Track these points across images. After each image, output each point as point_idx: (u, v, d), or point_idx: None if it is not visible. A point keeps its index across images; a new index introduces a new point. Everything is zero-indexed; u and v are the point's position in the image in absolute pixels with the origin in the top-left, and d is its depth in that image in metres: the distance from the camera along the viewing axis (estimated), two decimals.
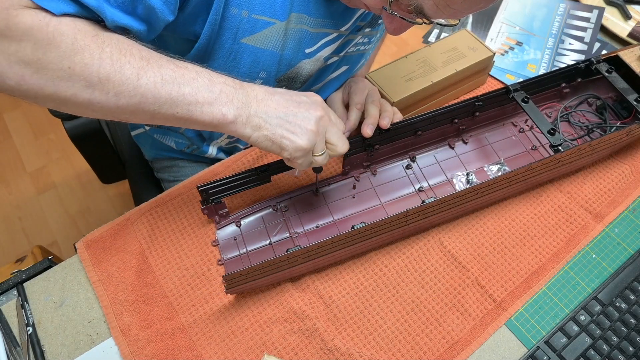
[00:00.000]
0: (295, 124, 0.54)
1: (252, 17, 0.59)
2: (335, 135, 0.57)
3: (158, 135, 0.86)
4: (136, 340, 0.60)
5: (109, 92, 0.48)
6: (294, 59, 0.66)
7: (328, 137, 0.57)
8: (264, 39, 0.62)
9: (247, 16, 0.58)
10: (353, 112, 0.70)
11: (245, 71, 0.64)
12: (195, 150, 0.84)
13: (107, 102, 0.48)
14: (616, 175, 0.74)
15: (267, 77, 0.66)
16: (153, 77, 0.48)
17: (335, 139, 0.57)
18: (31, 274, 0.65)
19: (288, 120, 0.54)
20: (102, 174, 1.02)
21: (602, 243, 0.69)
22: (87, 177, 1.66)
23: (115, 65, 0.47)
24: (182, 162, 0.89)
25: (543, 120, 0.68)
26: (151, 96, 0.49)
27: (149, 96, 0.49)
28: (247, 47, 0.62)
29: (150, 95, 0.49)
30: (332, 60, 0.72)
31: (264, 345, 0.60)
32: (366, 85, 0.72)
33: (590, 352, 0.60)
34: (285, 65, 0.66)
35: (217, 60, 0.62)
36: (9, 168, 1.69)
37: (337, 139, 0.57)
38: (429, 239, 0.68)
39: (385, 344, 0.60)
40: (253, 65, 0.64)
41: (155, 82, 0.49)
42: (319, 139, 0.55)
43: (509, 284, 0.65)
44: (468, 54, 0.78)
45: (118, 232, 0.67)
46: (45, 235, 1.54)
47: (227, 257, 0.66)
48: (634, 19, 0.95)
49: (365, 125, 0.66)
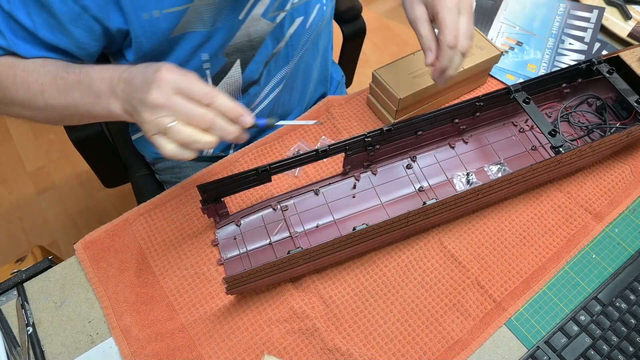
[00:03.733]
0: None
1: (164, 13, 0.59)
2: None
3: None
4: (136, 340, 0.60)
5: (33, 109, 0.59)
6: (230, 29, 0.65)
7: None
8: (189, 24, 0.62)
9: (160, 14, 0.59)
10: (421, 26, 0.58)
11: (186, 58, 0.65)
12: None
13: (39, 115, 0.59)
14: (616, 175, 0.74)
15: (212, 57, 0.67)
16: (50, 89, 0.57)
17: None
18: (31, 274, 0.65)
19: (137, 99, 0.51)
20: (105, 178, 1.02)
21: (602, 243, 0.69)
22: (87, 177, 1.66)
23: (25, 88, 0.57)
24: (184, 162, 0.89)
25: (544, 121, 0.68)
26: (58, 105, 0.57)
27: (56, 105, 0.57)
28: (178, 38, 0.63)
29: (56, 104, 0.57)
30: (281, 16, 0.70)
31: (264, 345, 0.60)
32: None
33: (590, 352, 0.60)
34: (222, 38, 0.65)
35: (162, 60, 0.63)
36: (9, 168, 1.69)
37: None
38: (429, 239, 0.68)
39: (385, 344, 0.60)
40: (191, 51, 0.65)
41: (53, 93, 0.57)
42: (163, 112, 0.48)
43: (509, 284, 0.65)
44: (475, 52, 0.78)
45: (116, 233, 0.67)
46: (45, 235, 1.54)
47: (227, 256, 0.66)
48: (634, 19, 0.95)
49: (435, 70, 0.58)
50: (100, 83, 0.54)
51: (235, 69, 0.71)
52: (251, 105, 0.79)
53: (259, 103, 0.80)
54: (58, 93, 0.57)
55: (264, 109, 0.81)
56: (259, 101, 0.79)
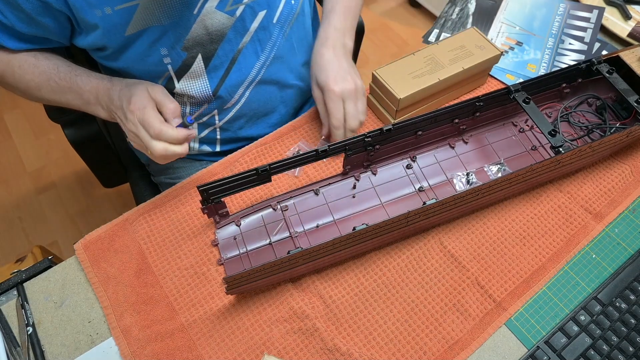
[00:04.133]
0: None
1: (116, 10, 0.62)
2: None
3: None
4: (136, 340, 0.60)
5: (33, 98, 0.71)
6: (186, 23, 0.67)
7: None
8: (142, 21, 0.64)
9: (112, 11, 0.62)
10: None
11: (145, 53, 0.68)
12: None
13: (42, 100, 0.72)
14: (616, 175, 0.74)
15: (170, 51, 0.69)
16: (45, 88, 0.68)
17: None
18: (31, 274, 0.65)
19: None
20: (103, 178, 1.02)
21: (602, 243, 0.69)
22: (87, 177, 1.66)
23: (23, 83, 0.69)
24: (177, 163, 0.89)
25: (544, 121, 0.68)
26: (53, 100, 0.70)
27: (52, 100, 0.70)
28: (135, 35, 0.65)
29: (52, 99, 0.70)
30: (240, 9, 0.70)
31: (264, 345, 0.60)
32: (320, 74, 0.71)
33: (590, 352, 0.60)
34: (178, 32, 0.67)
35: (123, 57, 0.68)
36: (9, 168, 1.69)
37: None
38: (429, 239, 0.68)
39: (385, 344, 0.60)
40: (149, 48, 0.67)
41: (48, 91, 0.68)
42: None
43: (509, 284, 0.65)
44: (475, 52, 0.78)
45: (116, 233, 0.67)
46: (45, 235, 1.54)
47: (227, 256, 0.66)
48: (634, 19, 0.95)
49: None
50: (88, 94, 0.66)
51: (197, 64, 0.72)
52: (228, 102, 0.79)
53: (236, 102, 0.79)
54: (53, 93, 0.69)
55: (242, 107, 0.80)
56: (237, 98, 0.79)
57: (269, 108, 0.83)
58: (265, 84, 0.79)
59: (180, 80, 0.73)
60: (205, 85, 0.75)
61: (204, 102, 0.77)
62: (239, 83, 0.77)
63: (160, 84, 0.72)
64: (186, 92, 0.74)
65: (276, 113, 0.85)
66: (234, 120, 0.82)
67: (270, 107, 0.83)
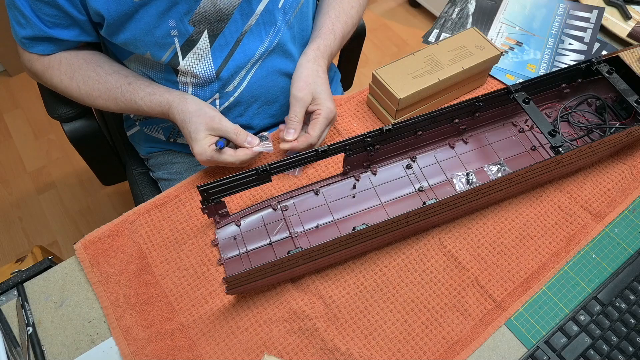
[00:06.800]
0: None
1: None
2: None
3: (147, 128, 0.88)
4: (136, 340, 0.60)
5: (85, 103, 0.76)
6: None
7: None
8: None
9: None
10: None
11: (153, 23, 0.68)
12: (179, 137, 0.87)
13: (100, 107, 0.76)
14: (616, 175, 0.74)
15: (178, 23, 0.69)
16: (105, 99, 0.75)
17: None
18: (31, 274, 0.65)
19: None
20: (102, 176, 1.02)
21: (602, 243, 0.69)
22: (87, 177, 1.66)
23: (91, 100, 0.75)
24: (175, 157, 0.89)
25: (544, 121, 0.68)
26: (110, 109, 0.76)
27: (109, 108, 0.76)
28: (144, 2, 0.66)
29: (111, 108, 0.76)
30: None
31: (264, 345, 0.60)
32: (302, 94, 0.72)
33: (590, 352, 0.60)
34: (188, 6, 0.68)
35: (130, 26, 0.69)
36: (9, 168, 1.69)
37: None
38: (429, 239, 0.68)
39: (385, 344, 0.60)
40: (158, 19, 0.68)
41: (108, 103, 0.75)
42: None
43: (508, 284, 0.65)
44: (475, 52, 0.78)
45: (116, 233, 0.67)
46: (45, 235, 1.54)
47: (227, 256, 0.66)
48: (634, 19, 0.95)
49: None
50: (150, 111, 0.73)
51: (203, 41, 0.72)
52: (229, 84, 0.79)
53: (237, 85, 0.79)
54: (121, 110, 0.76)
55: (243, 92, 0.80)
56: (239, 80, 0.79)
57: (269, 97, 0.83)
58: (266, 70, 0.80)
59: (185, 57, 0.73)
60: (209, 65, 0.75)
61: (207, 83, 0.77)
62: (242, 65, 0.77)
63: (165, 58, 0.72)
64: (190, 69, 0.74)
65: (276, 103, 0.85)
66: (234, 106, 0.81)
67: (270, 96, 0.83)
